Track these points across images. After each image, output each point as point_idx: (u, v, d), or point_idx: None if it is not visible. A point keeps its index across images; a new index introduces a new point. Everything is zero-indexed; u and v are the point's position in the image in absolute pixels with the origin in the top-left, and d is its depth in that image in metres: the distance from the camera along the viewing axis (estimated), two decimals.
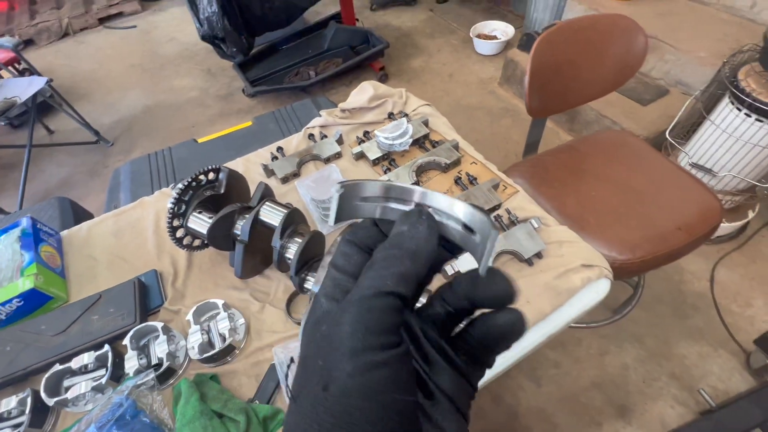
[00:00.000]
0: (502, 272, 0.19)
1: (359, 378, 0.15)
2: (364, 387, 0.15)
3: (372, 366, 0.15)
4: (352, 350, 0.16)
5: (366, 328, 0.16)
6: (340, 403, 0.15)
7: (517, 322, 0.18)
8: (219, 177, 0.71)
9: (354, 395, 0.15)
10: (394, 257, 0.18)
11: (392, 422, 0.15)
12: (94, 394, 0.57)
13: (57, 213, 1.10)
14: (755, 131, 1.13)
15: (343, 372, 0.15)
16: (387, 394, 0.15)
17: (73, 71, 2.81)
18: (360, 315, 0.16)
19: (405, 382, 0.16)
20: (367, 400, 0.15)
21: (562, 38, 0.95)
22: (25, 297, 0.66)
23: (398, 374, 0.16)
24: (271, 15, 1.93)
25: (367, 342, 0.16)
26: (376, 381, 0.15)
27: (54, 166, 2.14)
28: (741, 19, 1.67)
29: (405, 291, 0.17)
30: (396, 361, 0.16)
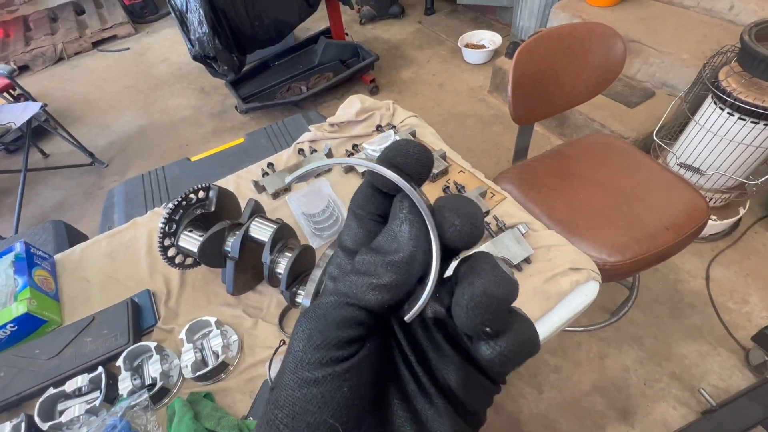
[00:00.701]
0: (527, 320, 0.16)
1: (291, 392, 0.14)
2: (294, 404, 0.14)
3: (304, 383, 0.14)
4: (295, 359, 0.15)
5: (308, 338, 0.15)
6: (272, 413, 0.15)
7: (504, 356, 0.15)
8: (209, 195, 0.72)
9: (284, 409, 0.14)
10: (372, 264, 0.15)
11: None
12: (88, 416, 0.57)
13: (51, 236, 1.11)
14: (738, 129, 1.15)
15: (283, 381, 0.15)
16: (316, 414, 0.14)
17: (68, 95, 2.84)
18: (309, 324, 0.15)
19: (343, 402, 0.15)
20: (293, 419, 0.14)
21: (542, 47, 0.97)
22: (19, 321, 0.66)
23: (334, 394, 0.14)
24: (262, 33, 1.97)
25: (306, 354, 0.15)
26: (305, 399, 0.14)
27: (49, 189, 2.15)
28: (721, 21, 1.71)
29: (375, 304, 0.15)
30: (333, 381, 0.14)
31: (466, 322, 0.15)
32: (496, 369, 0.15)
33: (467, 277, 0.15)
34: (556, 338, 1.33)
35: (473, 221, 0.16)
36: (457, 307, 0.15)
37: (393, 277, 0.15)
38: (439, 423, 0.16)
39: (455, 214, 0.15)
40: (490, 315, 0.14)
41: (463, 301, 0.15)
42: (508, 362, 0.15)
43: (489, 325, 0.14)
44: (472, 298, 0.14)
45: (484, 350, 0.15)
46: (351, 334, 0.15)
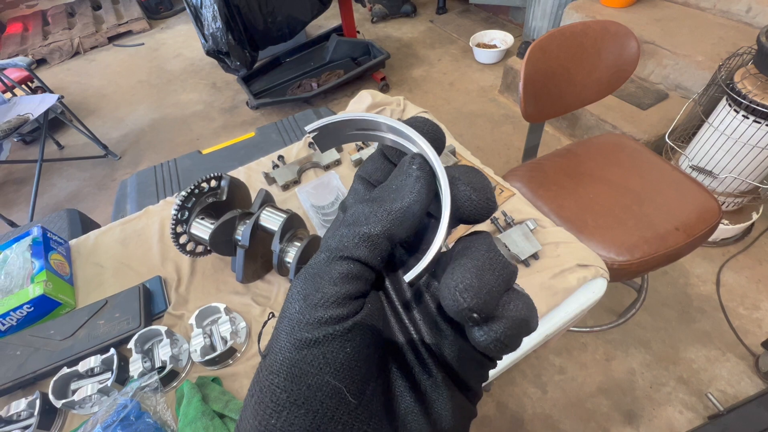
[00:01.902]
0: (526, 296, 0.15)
1: (287, 355, 0.14)
2: (292, 367, 0.13)
3: (303, 344, 0.14)
4: (291, 321, 0.14)
5: (304, 298, 0.14)
6: (267, 378, 0.14)
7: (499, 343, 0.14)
8: (221, 184, 0.73)
9: (280, 374, 0.13)
10: (363, 215, 0.15)
11: (323, 406, 0.13)
12: (100, 396, 0.59)
13: (66, 224, 1.13)
14: (753, 132, 1.13)
15: (278, 344, 0.14)
16: (317, 376, 0.13)
17: (84, 88, 2.89)
18: (304, 283, 0.14)
19: (346, 363, 0.14)
20: (292, 382, 0.13)
21: (555, 45, 0.97)
22: (35, 303, 0.68)
23: (336, 355, 0.14)
24: (274, 29, 1.99)
25: (304, 315, 0.14)
26: (305, 361, 0.13)
27: (64, 180, 2.19)
28: (737, 23, 1.69)
29: (368, 256, 0.14)
30: (334, 341, 0.14)
31: (451, 305, 0.13)
32: (491, 354, 0.14)
33: (460, 257, 0.15)
34: (561, 339, 1.32)
35: (489, 196, 0.15)
36: (445, 289, 0.14)
37: (384, 226, 0.14)
38: (437, 394, 0.15)
39: (471, 188, 0.15)
40: (479, 300, 0.13)
41: (451, 283, 0.14)
42: (505, 348, 0.14)
43: (477, 311, 0.13)
44: (461, 281, 0.13)
45: (478, 335, 0.14)
46: (349, 289, 0.14)
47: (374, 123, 0.17)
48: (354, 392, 0.14)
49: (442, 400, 0.15)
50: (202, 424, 0.53)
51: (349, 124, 0.17)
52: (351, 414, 0.14)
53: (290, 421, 0.13)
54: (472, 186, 0.15)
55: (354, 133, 0.18)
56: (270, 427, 0.13)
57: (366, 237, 0.14)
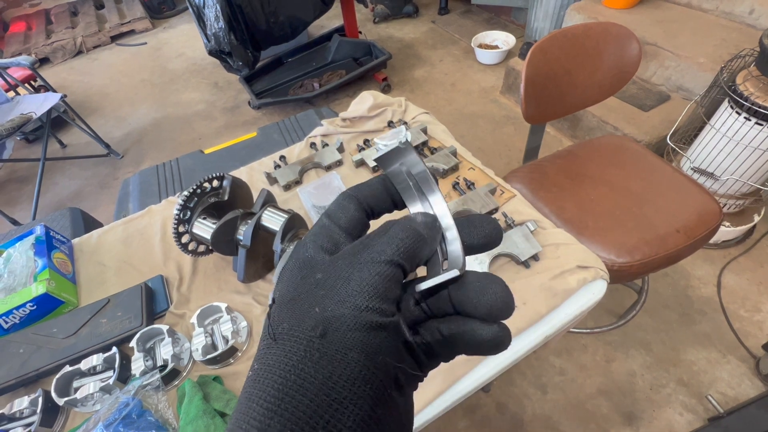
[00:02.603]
0: (503, 282, 0.18)
1: (360, 334, 0.16)
2: (365, 344, 0.16)
3: (375, 326, 0.16)
4: (357, 307, 0.16)
5: (374, 289, 0.16)
6: (339, 352, 0.15)
7: (502, 339, 0.18)
8: (223, 184, 0.74)
9: (355, 349, 0.15)
10: (412, 234, 0.18)
11: (379, 382, 0.16)
12: (102, 394, 0.59)
13: (68, 222, 1.14)
14: (755, 134, 1.13)
15: (344, 325, 0.16)
16: (382, 356, 0.16)
17: (86, 87, 2.90)
18: (371, 277, 0.17)
19: (397, 351, 0.17)
20: (366, 357, 0.16)
21: (556, 46, 0.97)
22: (38, 301, 0.69)
23: (393, 341, 0.17)
24: (276, 29, 1.99)
25: (372, 303, 0.16)
26: (376, 341, 0.16)
27: (66, 178, 2.20)
28: (740, 25, 1.69)
29: (408, 268, 0.18)
30: (392, 329, 0.17)
31: (502, 302, 0.18)
32: (485, 352, 0.18)
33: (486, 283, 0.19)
34: (561, 340, 1.32)
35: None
36: (492, 284, 0.18)
37: (420, 249, 0.18)
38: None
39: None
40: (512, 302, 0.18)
41: (497, 294, 0.18)
42: (501, 345, 0.18)
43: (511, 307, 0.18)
44: (501, 295, 0.18)
45: (487, 330, 0.18)
46: (399, 292, 0.18)
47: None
48: (398, 376, 0.17)
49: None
50: (203, 423, 0.54)
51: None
52: (393, 395, 0.16)
53: (359, 394, 0.15)
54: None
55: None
56: (341, 399, 0.15)
57: (413, 253, 0.18)
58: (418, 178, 0.20)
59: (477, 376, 0.60)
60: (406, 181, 0.20)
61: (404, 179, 0.20)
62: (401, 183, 0.20)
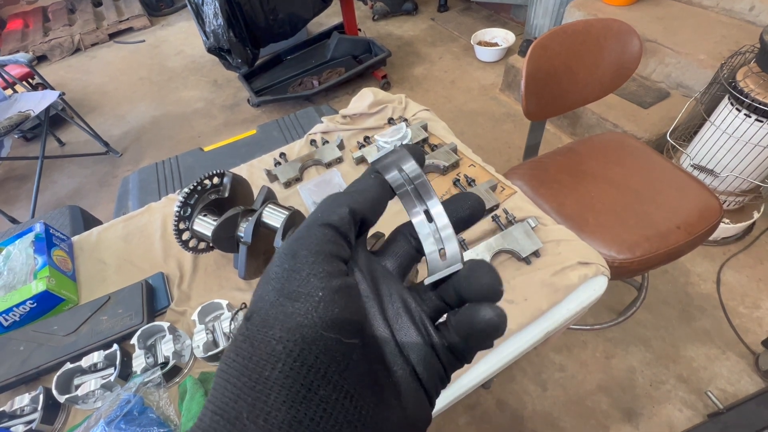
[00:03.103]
0: (489, 265, 0.18)
1: (281, 308, 0.14)
2: (287, 318, 0.14)
3: (297, 296, 0.15)
4: (278, 279, 0.15)
5: (293, 255, 0.15)
6: (259, 332, 0.14)
7: (496, 318, 0.17)
8: (223, 181, 0.73)
9: (275, 326, 0.14)
10: (333, 198, 0.18)
11: (317, 361, 0.14)
12: (103, 391, 0.59)
13: (68, 220, 1.13)
14: (755, 131, 1.13)
15: (267, 302, 0.15)
16: (310, 328, 0.14)
17: (85, 85, 2.89)
18: (291, 246, 0.16)
19: (335, 319, 0.15)
20: (287, 332, 0.14)
21: (557, 42, 0.97)
22: (38, 299, 0.68)
23: (327, 309, 0.15)
24: (276, 27, 1.98)
25: (293, 271, 0.15)
26: (299, 313, 0.14)
27: (65, 177, 2.20)
28: (740, 22, 1.68)
29: (338, 221, 0.17)
30: (325, 295, 0.15)
31: (489, 279, 0.18)
32: (484, 334, 0.17)
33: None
34: (561, 337, 1.32)
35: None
36: (480, 269, 0.18)
37: (348, 202, 0.18)
38: (407, 385, 0.17)
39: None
40: (499, 285, 0.18)
41: (484, 266, 0.18)
42: (496, 329, 0.17)
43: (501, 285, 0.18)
44: (496, 279, 0.18)
45: (488, 312, 0.17)
46: (331, 249, 0.16)
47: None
48: (343, 352, 0.15)
49: (411, 390, 0.17)
50: None
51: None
52: (341, 374, 0.14)
53: (285, 373, 0.13)
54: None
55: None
56: (263, 379, 0.13)
57: (335, 209, 0.17)
58: (416, 182, 0.20)
59: (479, 372, 0.60)
60: (403, 185, 0.20)
61: (402, 183, 0.20)
62: (399, 187, 0.20)
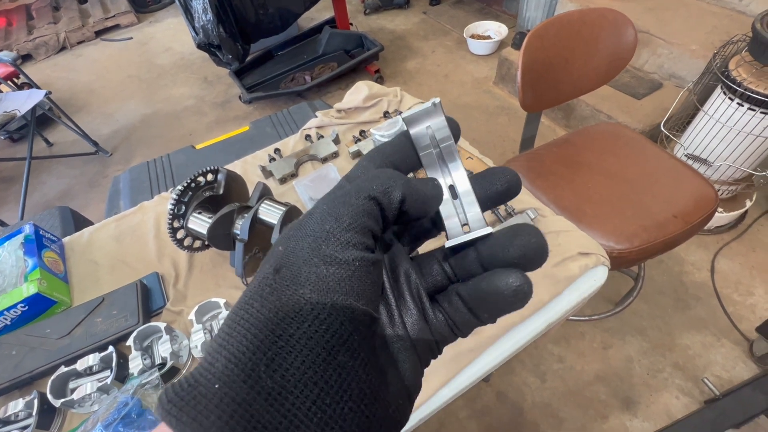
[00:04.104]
0: (534, 227, 0.17)
1: (315, 269, 0.14)
2: (319, 280, 0.14)
3: (333, 261, 0.14)
4: (317, 239, 0.14)
5: (336, 218, 0.15)
6: (288, 289, 0.14)
7: (524, 290, 0.16)
8: (218, 178, 0.72)
9: (306, 286, 0.14)
10: (394, 176, 0.16)
11: (342, 327, 0.14)
12: (99, 394, 0.58)
13: (58, 222, 1.11)
14: (748, 120, 1.14)
15: (299, 258, 0.14)
16: (341, 295, 0.14)
17: (71, 84, 2.83)
18: (335, 206, 0.15)
19: (365, 291, 0.14)
20: (318, 294, 0.14)
21: (552, 33, 0.96)
22: (29, 302, 0.67)
23: (360, 280, 0.14)
24: (266, 21, 1.95)
25: (334, 234, 0.14)
26: (333, 278, 0.14)
27: (54, 177, 2.15)
28: (731, 12, 1.69)
29: (387, 204, 0.16)
30: (360, 266, 0.14)
31: (539, 251, 0.17)
32: (506, 301, 0.16)
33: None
34: (560, 328, 1.33)
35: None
36: (526, 232, 0.17)
37: (404, 193, 0.16)
38: (406, 355, 0.17)
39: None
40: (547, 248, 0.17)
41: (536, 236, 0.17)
42: (524, 297, 0.16)
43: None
44: (540, 240, 0.17)
45: (515, 277, 0.16)
46: (372, 225, 0.15)
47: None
48: (366, 322, 0.14)
49: (409, 360, 0.17)
50: None
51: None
52: (360, 343, 0.14)
53: (310, 334, 0.13)
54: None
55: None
56: (288, 336, 0.13)
57: (389, 190, 0.16)
58: (442, 145, 0.19)
59: (481, 366, 0.60)
60: (429, 146, 0.19)
61: (428, 144, 0.19)
62: (424, 147, 0.19)
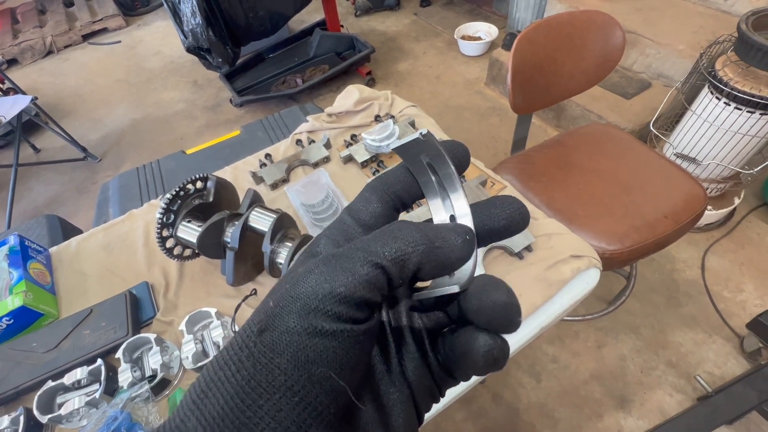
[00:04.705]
0: (505, 285, 0.16)
1: (296, 338, 0.13)
2: (299, 351, 0.13)
3: (318, 333, 0.13)
4: (305, 306, 0.14)
5: (332, 288, 0.14)
6: (265, 356, 0.13)
7: (494, 356, 0.15)
8: (207, 185, 0.71)
9: (284, 355, 0.13)
10: (414, 238, 0.15)
11: (317, 400, 0.13)
12: (88, 409, 0.57)
13: (45, 231, 1.09)
14: (735, 119, 1.15)
15: (284, 324, 0.14)
16: (321, 367, 0.13)
17: (59, 89, 2.79)
18: (334, 272, 0.14)
19: (349, 362, 0.14)
20: (295, 366, 0.13)
21: (542, 35, 0.97)
22: (14, 315, 0.65)
23: (345, 353, 0.14)
24: (256, 24, 1.94)
25: (325, 304, 0.14)
26: (314, 349, 0.13)
27: (42, 184, 2.12)
28: (716, 12, 1.72)
29: (397, 274, 0.15)
30: (348, 339, 0.14)
31: (505, 301, 0.15)
32: (478, 365, 0.15)
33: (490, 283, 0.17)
34: (554, 328, 1.33)
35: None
36: (495, 290, 0.16)
37: (422, 259, 0.15)
38: (400, 409, 0.16)
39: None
40: (518, 306, 0.16)
41: (504, 293, 0.16)
42: (494, 363, 0.15)
43: (519, 313, 0.16)
44: (510, 296, 0.16)
45: (484, 341, 0.15)
46: (371, 297, 0.14)
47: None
48: (347, 395, 0.14)
49: (403, 415, 0.16)
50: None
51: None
52: (336, 415, 0.14)
53: (279, 406, 0.12)
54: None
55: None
56: (255, 408, 0.12)
57: (404, 258, 0.15)
58: (441, 172, 0.18)
59: None
60: (427, 174, 0.18)
61: (426, 172, 0.18)
62: (422, 176, 0.19)
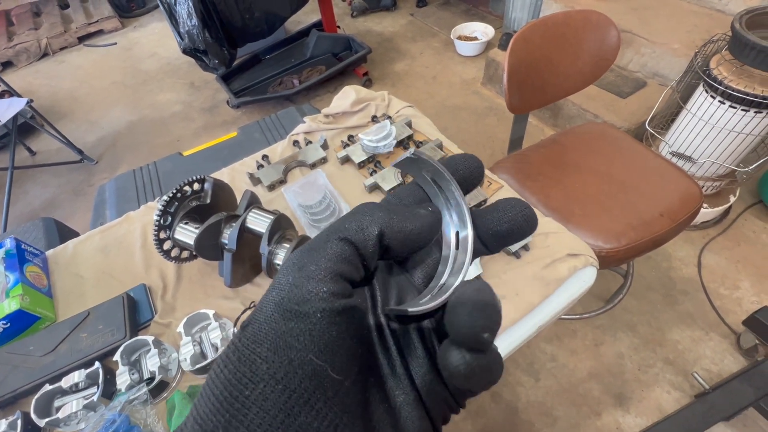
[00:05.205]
0: (481, 302, 0.14)
1: (274, 325, 0.13)
2: (277, 337, 0.13)
3: (293, 315, 0.13)
4: (279, 292, 0.14)
5: (300, 268, 0.14)
6: (248, 347, 0.13)
7: (462, 367, 0.14)
8: (204, 187, 0.71)
9: (264, 344, 0.13)
10: (372, 210, 0.16)
11: (302, 386, 0.13)
12: (86, 412, 0.56)
13: (42, 234, 1.08)
14: (730, 117, 1.16)
15: (263, 315, 0.14)
16: (301, 352, 0.13)
17: (54, 91, 2.78)
18: (301, 254, 0.14)
19: (329, 344, 0.14)
20: (275, 353, 0.13)
21: (537, 35, 0.97)
22: (11, 318, 0.65)
23: (322, 334, 0.13)
24: (252, 26, 1.94)
25: (296, 286, 0.14)
26: (291, 334, 0.13)
27: (38, 187, 2.11)
28: (710, 11, 1.73)
29: (362, 243, 0.15)
30: (323, 317, 0.13)
31: (467, 320, 0.13)
32: (458, 381, 0.14)
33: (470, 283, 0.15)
34: (552, 327, 1.34)
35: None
36: (461, 307, 0.14)
37: (384, 228, 0.15)
38: (408, 412, 0.16)
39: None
40: (488, 322, 0.14)
41: (468, 303, 0.14)
42: (473, 378, 0.14)
43: (487, 331, 0.13)
44: (479, 300, 0.14)
45: (455, 357, 0.14)
46: (342, 268, 0.14)
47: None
48: (333, 379, 0.13)
49: (411, 418, 0.16)
50: None
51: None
52: (327, 402, 0.13)
53: (265, 395, 0.13)
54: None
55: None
56: (242, 399, 0.13)
57: (364, 227, 0.15)
58: (444, 188, 0.19)
59: None
60: (433, 188, 0.19)
61: (432, 186, 0.19)
62: (429, 189, 0.19)
